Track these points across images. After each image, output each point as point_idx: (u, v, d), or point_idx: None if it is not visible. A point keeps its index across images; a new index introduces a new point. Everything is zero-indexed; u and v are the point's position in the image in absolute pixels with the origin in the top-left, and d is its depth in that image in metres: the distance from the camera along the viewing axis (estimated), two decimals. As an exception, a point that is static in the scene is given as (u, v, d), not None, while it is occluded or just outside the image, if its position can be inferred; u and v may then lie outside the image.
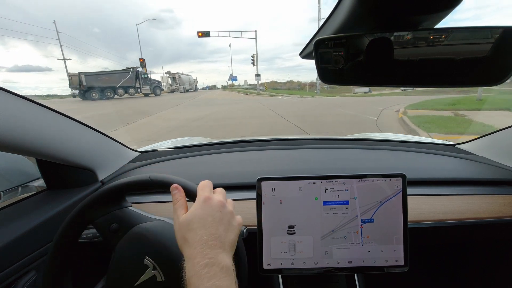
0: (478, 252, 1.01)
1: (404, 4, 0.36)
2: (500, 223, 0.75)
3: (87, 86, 22.10)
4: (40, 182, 0.85)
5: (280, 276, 0.74)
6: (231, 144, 1.22)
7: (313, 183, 0.64)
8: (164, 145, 1.31)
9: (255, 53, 29.06)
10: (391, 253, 0.64)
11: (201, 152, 1.14)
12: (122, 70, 25.47)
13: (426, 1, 0.36)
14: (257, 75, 31.29)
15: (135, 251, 0.50)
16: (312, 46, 0.47)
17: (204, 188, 0.48)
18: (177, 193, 0.48)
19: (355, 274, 0.74)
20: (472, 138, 1.10)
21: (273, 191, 0.64)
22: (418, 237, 0.73)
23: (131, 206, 0.55)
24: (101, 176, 0.88)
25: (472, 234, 0.79)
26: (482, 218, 0.74)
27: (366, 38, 0.44)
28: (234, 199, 0.80)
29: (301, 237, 0.64)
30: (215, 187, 0.79)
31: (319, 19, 20.73)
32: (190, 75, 43.63)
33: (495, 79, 0.41)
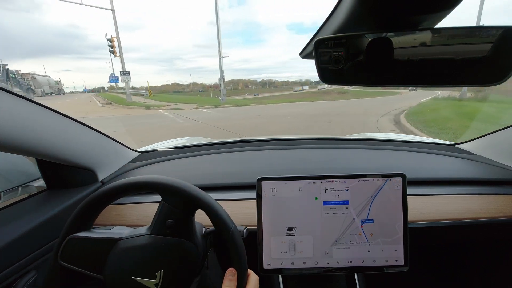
0: (478, 252, 1.01)
1: (404, 4, 0.36)
2: (500, 223, 0.75)
3: None
4: (40, 182, 0.85)
5: (280, 276, 0.74)
6: (231, 144, 1.22)
7: (313, 183, 0.64)
8: (164, 145, 1.31)
9: (115, 36, 17.44)
10: (391, 253, 0.64)
11: (201, 152, 1.14)
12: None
13: (426, 1, 0.36)
14: (124, 74, 19.03)
15: (161, 258, 0.50)
16: (312, 46, 0.47)
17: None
18: (232, 281, 0.49)
19: (355, 274, 0.74)
20: (472, 138, 1.10)
21: (273, 191, 0.64)
22: (418, 237, 0.73)
23: (194, 216, 0.55)
24: (101, 176, 0.88)
25: (472, 234, 0.79)
26: (482, 218, 0.74)
27: (366, 38, 0.44)
28: (234, 199, 0.80)
29: (301, 237, 0.64)
30: (215, 187, 0.80)
31: (217, 24, 16.68)
32: (49, 76, 38.91)
33: (495, 79, 0.41)
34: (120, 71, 19.35)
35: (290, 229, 0.64)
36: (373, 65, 0.46)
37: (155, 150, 1.16)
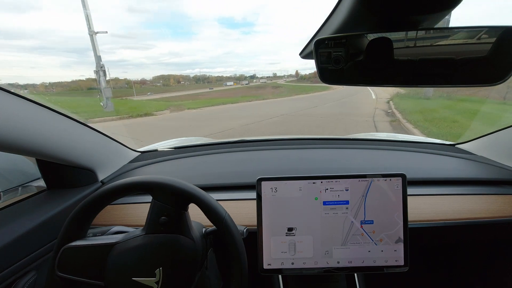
0: (478, 252, 1.01)
1: (404, 4, 0.36)
2: (500, 223, 0.75)
3: None
4: (40, 182, 0.85)
5: (280, 276, 0.74)
6: (231, 144, 1.22)
7: (313, 183, 0.64)
8: (164, 145, 1.31)
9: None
10: (391, 253, 0.64)
11: (201, 152, 1.14)
12: None
13: (426, 1, 0.36)
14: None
15: (158, 255, 0.50)
16: (312, 46, 0.47)
17: None
18: None
19: (355, 274, 0.74)
20: (472, 138, 1.10)
21: (273, 191, 0.64)
22: (418, 237, 0.73)
23: (187, 211, 0.55)
24: (101, 176, 0.88)
25: (472, 234, 0.79)
26: (482, 218, 0.74)
27: (366, 38, 0.44)
28: (234, 199, 0.80)
29: (301, 237, 0.64)
30: (215, 187, 0.80)
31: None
32: None
33: (495, 79, 0.41)
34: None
35: (290, 229, 0.64)
36: (373, 65, 0.46)
37: (155, 150, 1.16)
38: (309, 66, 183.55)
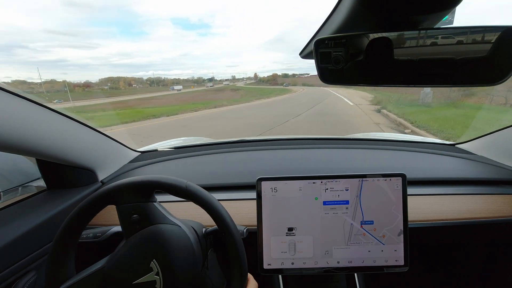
0: (478, 252, 1.01)
1: (404, 4, 0.36)
2: (500, 223, 0.75)
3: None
4: (40, 182, 0.85)
5: (280, 276, 0.74)
6: (231, 144, 1.22)
7: (313, 183, 0.64)
8: (164, 145, 1.31)
9: None
10: (391, 253, 0.64)
11: (201, 152, 1.14)
12: None
13: (426, 1, 0.36)
14: None
15: (146, 250, 0.50)
16: (312, 46, 0.47)
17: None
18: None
19: (355, 274, 0.74)
20: (472, 138, 1.10)
21: (273, 191, 0.64)
22: (418, 237, 0.74)
23: (156, 202, 0.54)
24: (101, 176, 0.88)
25: (472, 234, 0.79)
26: (482, 218, 0.74)
27: (366, 38, 0.44)
28: (234, 199, 0.80)
29: (301, 237, 0.64)
30: (215, 187, 0.79)
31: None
32: None
33: (495, 79, 0.41)
34: None
35: (290, 229, 0.64)
36: (373, 65, 0.46)
37: (155, 150, 1.16)
38: (268, 69, 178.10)
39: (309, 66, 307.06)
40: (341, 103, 13.59)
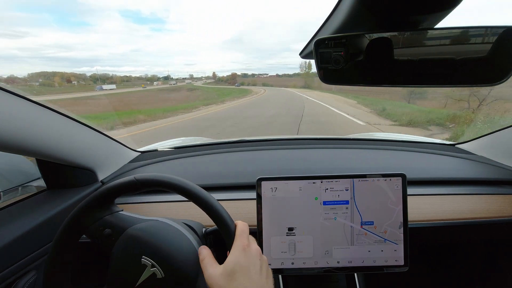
0: (478, 252, 1.01)
1: (404, 4, 0.36)
2: (500, 223, 0.75)
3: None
4: (40, 182, 0.85)
5: (280, 276, 0.74)
6: (231, 144, 1.22)
7: (313, 183, 0.64)
8: (164, 145, 1.31)
9: None
10: (391, 253, 0.64)
11: (201, 152, 1.14)
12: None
13: (426, 1, 0.36)
14: None
15: (132, 252, 0.50)
16: (312, 46, 0.47)
17: (242, 234, 0.46)
18: (204, 250, 0.47)
19: (355, 274, 0.74)
20: (472, 138, 1.10)
21: (273, 191, 0.64)
22: (418, 237, 0.74)
23: (122, 211, 0.54)
24: (101, 176, 0.88)
25: (472, 234, 0.79)
26: (482, 218, 0.74)
27: (366, 38, 0.44)
28: (234, 199, 0.80)
29: (301, 237, 0.64)
30: (215, 187, 0.79)
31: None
32: None
33: (495, 79, 0.41)
34: None
35: (290, 229, 0.64)
36: (373, 65, 0.46)
37: (155, 150, 1.16)
38: (227, 69, 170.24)
39: (268, 67, 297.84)
40: (334, 116, 9.90)
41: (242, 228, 0.47)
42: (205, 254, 0.47)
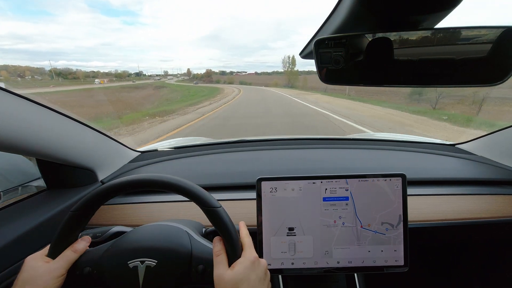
0: (478, 252, 1.01)
1: (404, 4, 0.36)
2: (500, 223, 0.75)
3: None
4: (40, 182, 0.85)
5: (280, 276, 0.74)
6: (231, 144, 1.22)
7: (313, 183, 0.64)
8: (164, 145, 1.31)
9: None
10: (391, 253, 0.64)
11: (201, 152, 1.14)
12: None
13: (426, 1, 0.36)
14: None
15: (115, 266, 0.50)
16: (312, 46, 0.47)
17: (251, 245, 0.50)
18: (220, 244, 0.49)
19: (355, 274, 0.74)
20: (472, 138, 1.10)
21: (273, 191, 0.64)
22: (418, 237, 0.74)
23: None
24: (101, 176, 0.88)
25: (472, 234, 0.79)
26: (482, 218, 0.74)
27: (366, 38, 0.44)
28: (234, 199, 0.80)
29: (301, 237, 0.64)
30: (215, 187, 0.78)
31: None
32: None
33: (495, 79, 0.41)
34: None
35: (290, 229, 0.64)
36: (373, 65, 0.46)
37: (155, 150, 1.16)
38: (204, 66, 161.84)
39: (246, 65, 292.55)
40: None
41: (249, 240, 0.51)
42: (222, 250, 0.48)
